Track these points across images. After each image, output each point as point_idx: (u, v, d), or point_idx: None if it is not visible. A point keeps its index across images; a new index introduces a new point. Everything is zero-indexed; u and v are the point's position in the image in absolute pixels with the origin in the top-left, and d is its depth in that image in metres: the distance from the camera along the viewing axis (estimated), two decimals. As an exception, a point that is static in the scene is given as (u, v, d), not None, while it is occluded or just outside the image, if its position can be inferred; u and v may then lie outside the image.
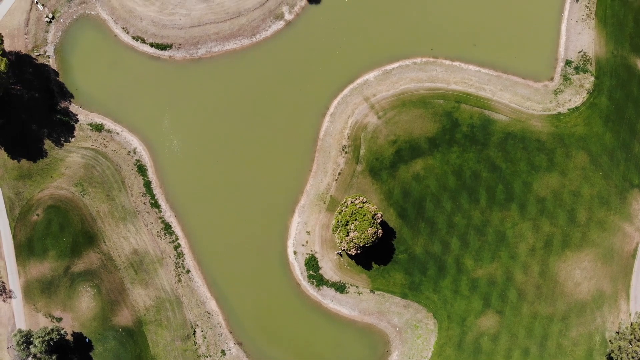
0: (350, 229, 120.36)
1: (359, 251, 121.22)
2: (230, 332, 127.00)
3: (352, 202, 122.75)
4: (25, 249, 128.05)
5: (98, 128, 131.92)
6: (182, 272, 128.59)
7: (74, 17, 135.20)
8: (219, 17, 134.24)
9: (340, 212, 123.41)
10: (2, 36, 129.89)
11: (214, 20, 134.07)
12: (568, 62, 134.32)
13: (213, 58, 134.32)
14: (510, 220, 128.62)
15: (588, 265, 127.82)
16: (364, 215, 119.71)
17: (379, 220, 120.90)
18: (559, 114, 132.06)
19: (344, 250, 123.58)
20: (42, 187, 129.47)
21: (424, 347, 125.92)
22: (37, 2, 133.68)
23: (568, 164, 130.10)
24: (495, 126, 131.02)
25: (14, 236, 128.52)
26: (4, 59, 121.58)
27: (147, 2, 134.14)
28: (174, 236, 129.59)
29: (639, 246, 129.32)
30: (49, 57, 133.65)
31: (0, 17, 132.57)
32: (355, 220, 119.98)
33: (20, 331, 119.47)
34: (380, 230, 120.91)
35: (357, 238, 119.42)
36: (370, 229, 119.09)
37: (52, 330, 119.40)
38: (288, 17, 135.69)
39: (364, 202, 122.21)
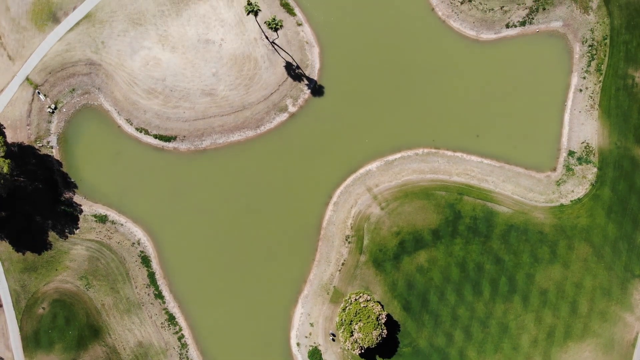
0: (355, 329, 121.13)
1: (362, 351, 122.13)
2: None
3: (355, 299, 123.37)
4: (32, 342, 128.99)
5: (102, 219, 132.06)
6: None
7: (77, 107, 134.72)
8: (223, 111, 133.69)
9: (344, 310, 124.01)
10: (4, 128, 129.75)
11: (218, 113, 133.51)
12: (571, 153, 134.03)
13: (217, 149, 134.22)
14: (513, 312, 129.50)
15: (589, 355, 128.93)
16: (368, 316, 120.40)
17: (383, 321, 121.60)
18: (561, 205, 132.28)
19: (348, 349, 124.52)
20: (47, 280, 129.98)
21: None
22: (39, 93, 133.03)
23: (570, 256, 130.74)
24: (498, 218, 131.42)
25: (21, 328, 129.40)
26: (8, 160, 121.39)
27: (150, 95, 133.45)
28: (177, 327, 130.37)
29: (639, 335, 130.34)
30: (52, 148, 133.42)
31: (1, 109, 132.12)
32: (360, 321, 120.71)
33: None
34: (385, 331, 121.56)
35: (362, 340, 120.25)
36: (374, 331, 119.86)
37: None
38: (292, 109, 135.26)
39: (367, 301, 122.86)
